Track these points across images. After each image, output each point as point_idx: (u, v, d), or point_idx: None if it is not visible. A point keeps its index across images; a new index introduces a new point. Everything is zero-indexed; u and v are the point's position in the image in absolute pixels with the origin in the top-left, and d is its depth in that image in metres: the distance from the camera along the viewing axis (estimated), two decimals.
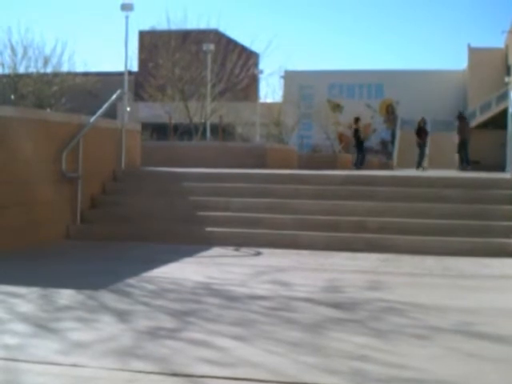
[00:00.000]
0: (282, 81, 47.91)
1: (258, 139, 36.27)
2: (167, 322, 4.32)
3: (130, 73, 33.21)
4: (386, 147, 50.03)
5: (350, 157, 30.72)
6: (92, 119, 9.09)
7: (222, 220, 8.53)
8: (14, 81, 31.84)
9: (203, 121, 32.37)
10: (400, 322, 4.42)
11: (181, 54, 34.39)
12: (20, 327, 4.14)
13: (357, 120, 23.74)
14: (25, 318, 4.35)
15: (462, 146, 23.20)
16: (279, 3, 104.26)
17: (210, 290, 5.43)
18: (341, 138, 50.67)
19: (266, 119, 40.00)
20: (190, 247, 7.76)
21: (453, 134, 25.11)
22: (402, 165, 33.22)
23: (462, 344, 3.93)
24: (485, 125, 43.58)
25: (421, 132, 24.08)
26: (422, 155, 24.09)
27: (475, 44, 50.97)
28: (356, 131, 23.49)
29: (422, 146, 24.16)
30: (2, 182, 7.45)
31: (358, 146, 23.55)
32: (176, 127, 31.98)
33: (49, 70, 32.87)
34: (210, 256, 7.44)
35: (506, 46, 49.16)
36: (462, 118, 23.82)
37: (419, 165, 23.63)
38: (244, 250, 7.76)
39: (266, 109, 40.27)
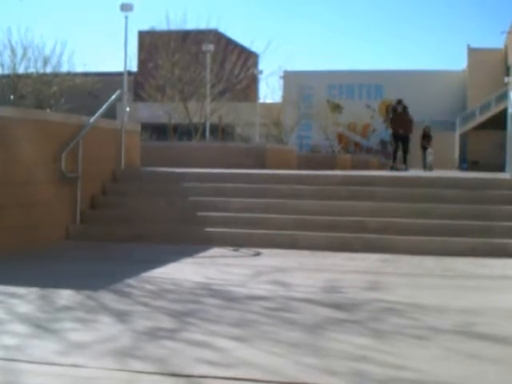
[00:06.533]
0: (281, 81, 47.92)
1: (257, 139, 36.27)
2: (167, 323, 4.31)
3: (130, 73, 33.13)
4: (385, 147, 50.04)
5: (349, 157, 30.78)
6: (91, 120, 9.08)
7: (221, 220, 8.52)
8: (14, 81, 31.81)
9: (203, 121, 32.32)
10: (400, 323, 4.41)
11: (180, 54, 34.32)
12: (19, 328, 4.14)
13: None
14: (24, 319, 4.35)
15: (398, 141, 18.92)
16: (279, 3, 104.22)
17: (209, 290, 5.43)
18: (340, 138, 50.72)
19: (265, 119, 39.99)
20: (189, 247, 7.75)
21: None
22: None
23: (462, 345, 3.92)
24: (484, 125, 43.63)
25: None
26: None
27: (475, 44, 51.02)
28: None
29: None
30: (2, 182, 7.44)
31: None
32: (176, 127, 31.98)
33: (48, 70, 32.83)
34: (209, 256, 7.43)
35: (506, 47, 49.13)
36: (396, 108, 19.68)
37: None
38: (244, 250, 7.76)
39: (265, 109, 40.26)
